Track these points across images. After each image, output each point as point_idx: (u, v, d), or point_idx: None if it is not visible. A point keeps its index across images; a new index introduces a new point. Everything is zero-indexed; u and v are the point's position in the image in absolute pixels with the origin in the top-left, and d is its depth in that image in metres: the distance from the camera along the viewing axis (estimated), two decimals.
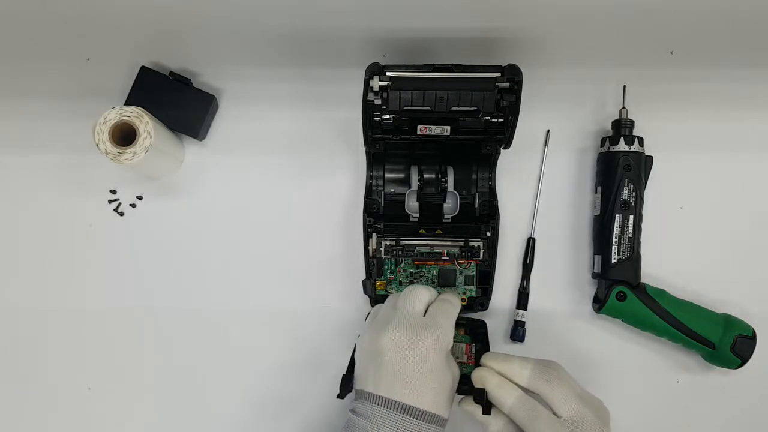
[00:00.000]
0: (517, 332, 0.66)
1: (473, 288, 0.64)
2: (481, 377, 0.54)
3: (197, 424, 0.67)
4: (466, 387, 0.55)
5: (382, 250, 0.62)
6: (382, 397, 0.51)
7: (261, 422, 0.67)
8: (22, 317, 0.68)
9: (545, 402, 0.52)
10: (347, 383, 0.55)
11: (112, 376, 0.67)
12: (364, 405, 0.52)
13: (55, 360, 0.68)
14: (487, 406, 0.53)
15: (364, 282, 0.63)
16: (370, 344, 0.53)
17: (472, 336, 0.62)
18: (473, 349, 0.60)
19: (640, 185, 0.64)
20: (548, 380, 0.52)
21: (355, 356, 0.56)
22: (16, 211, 0.69)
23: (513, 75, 0.56)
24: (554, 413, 0.52)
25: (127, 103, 0.66)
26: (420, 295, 0.55)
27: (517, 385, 0.53)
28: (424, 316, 0.54)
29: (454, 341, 0.54)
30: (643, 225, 0.65)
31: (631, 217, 0.64)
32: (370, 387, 0.52)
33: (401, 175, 0.67)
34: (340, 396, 0.55)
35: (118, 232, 0.68)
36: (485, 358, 0.55)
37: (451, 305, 0.56)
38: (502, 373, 0.54)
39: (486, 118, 0.59)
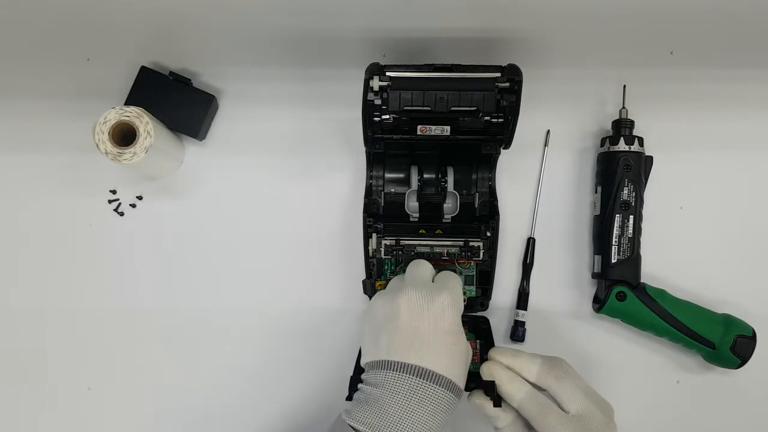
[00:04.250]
0: (517, 332, 0.66)
1: (473, 288, 0.64)
2: (490, 371, 0.54)
3: (197, 423, 0.67)
4: (473, 384, 0.55)
5: (382, 250, 0.62)
6: (396, 362, 0.50)
7: (262, 422, 0.67)
8: (22, 317, 0.68)
9: (553, 397, 0.53)
10: (356, 384, 0.55)
11: (112, 376, 0.67)
12: (375, 373, 0.51)
13: (55, 360, 0.68)
14: (498, 399, 0.53)
15: (364, 282, 0.63)
16: (384, 309, 0.53)
17: (476, 333, 0.62)
18: (477, 346, 0.61)
19: (640, 185, 0.64)
20: (557, 376, 0.53)
21: (362, 334, 0.55)
22: (16, 211, 0.69)
23: (513, 75, 0.56)
24: (562, 409, 0.52)
25: (127, 103, 0.66)
26: (426, 265, 0.57)
27: (526, 380, 0.53)
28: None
29: None
30: (643, 225, 0.65)
31: (631, 217, 0.64)
32: (383, 354, 0.51)
33: (401, 175, 0.67)
34: (350, 398, 0.55)
35: (118, 232, 0.68)
36: (494, 353, 0.55)
37: (454, 275, 0.57)
38: (511, 367, 0.54)
39: (486, 118, 0.59)
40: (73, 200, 0.68)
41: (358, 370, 0.56)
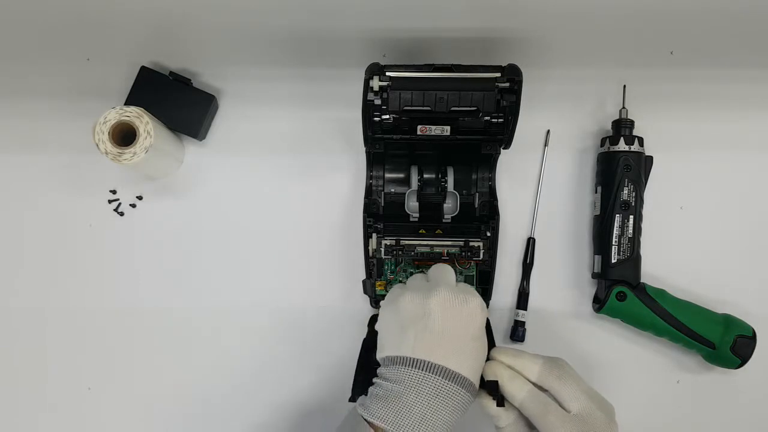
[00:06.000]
0: (517, 332, 0.66)
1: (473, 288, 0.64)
2: (492, 370, 0.54)
3: (197, 423, 0.67)
4: None
5: (382, 250, 0.62)
6: (423, 361, 0.50)
7: (261, 421, 0.67)
8: (22, 317, 0.68)
9: (554, 397, 0.53)
10: (360, 385, 0.55)
11: (112, 376, 0.67)
12: (396, 370, 0.51)
13: (54, 360, 0.68)
14: (501, 399, 0.53)
15: (364, 282, 0.63)
16: (413, 306, 0.52)
17: None
18: None
19: (640, 185, 0.64)
20: (558, 376, 0.53)
21: (381, 326, 0.55)
22: (16, 211, 0.69)
23: (513, 75, 0.56)
24: (563, 408, 0.52)
25: (127, 103, 0.66)
26: (451, 270, 0.57)
27: (527, 379, 0.53)
28: None
29: None
30: (643, 225, 0.65)
31: (631, 217, 0.64)
32: (407, 350, 0.51)
33: (401, 175, 0.67)
34: (352, 399, 0.54)
35: (118, 232, 0.68)
36: (495, 352, 0.55)
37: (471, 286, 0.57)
38: (513, 367, 0.54)
39: (486, 118, 0.59)
40: (73, 200, 0.68)
41: (361, 370, 0.56)
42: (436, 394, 0.49)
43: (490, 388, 0.53)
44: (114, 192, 0.69)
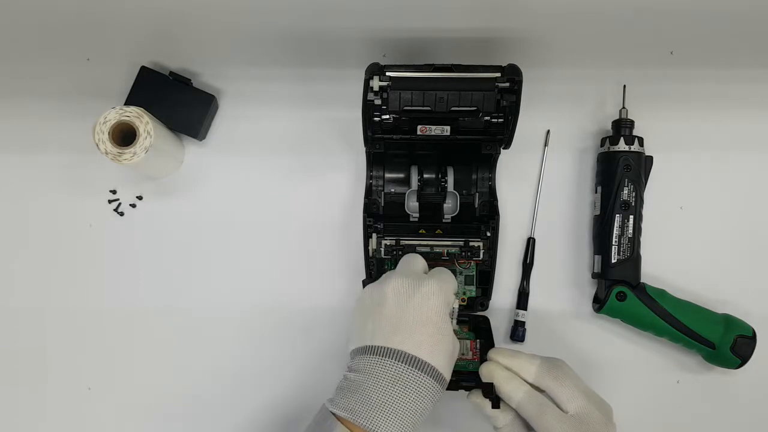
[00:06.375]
0: (517, 332, 0.66)
1: (473, 288, 0.64)
2: (489, 371, 0.54)
3: (197, 423, 0.67)
4: (473, 383, 0.55)
5: (382, 250, 0.62)
6: (380, 347, 0.50)
7: (261, 422, 0.67)
8: (22, 317, 0.68)
9: (551, 398, 0.53)
10: None
11: (112, 376, 0.67)
12: (359, 360, 0.51)
13: (54, 360, 0.67)
14: (496, 401, 0.53)
15: (364, 282, 0.63)
16: (371, 297, 0.53)
17: (476, 332, 0.62)
18: (477, 346, 0.61)
19: (640, 185, 0.64)
20: (556, 377, 0.53)
21: (351, 323, 0.55)
22: (16, 211, 0.69)
23: (513, 75, 0.56)
24: (561, 409, 0.52)
25: (127, 103, 0.66)
26: (418, 258, 0.57)
27: (524, 380, 0.53)
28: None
29: (458, 338, 0.54)
30: (643, 225, 0.65)
31: (631, 217, 0.64)
32: (368, 339, 0.51)
33: (401, 175, 0.67)
34: None
35: (118, 232, 0.68)
36: (493, 353, 0.55)
37: (447, 270, 0.56)
38: (510, 368, 0.54)
39: (486, 118, 0.59)
40: (73, 200, 0.68)
41: None
42: (395, 380, 0.49)
43: (486, 390, 0.53)
44: (114, 192, 0.69)
